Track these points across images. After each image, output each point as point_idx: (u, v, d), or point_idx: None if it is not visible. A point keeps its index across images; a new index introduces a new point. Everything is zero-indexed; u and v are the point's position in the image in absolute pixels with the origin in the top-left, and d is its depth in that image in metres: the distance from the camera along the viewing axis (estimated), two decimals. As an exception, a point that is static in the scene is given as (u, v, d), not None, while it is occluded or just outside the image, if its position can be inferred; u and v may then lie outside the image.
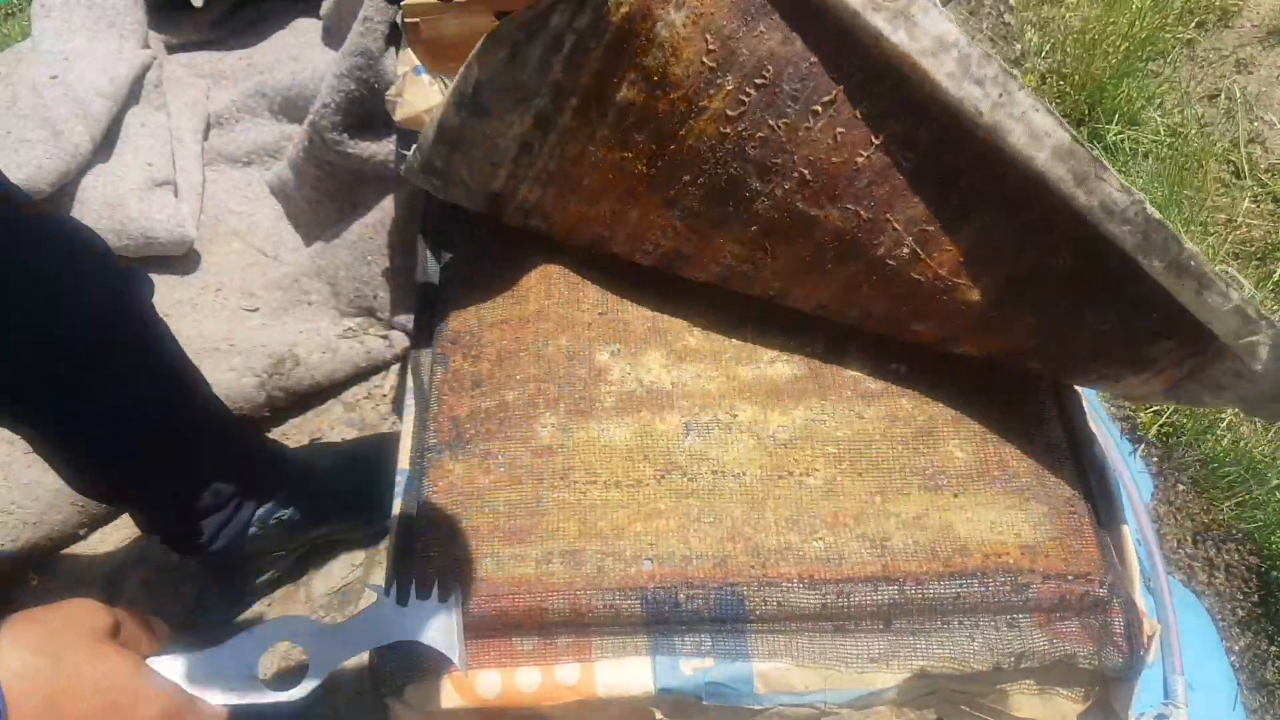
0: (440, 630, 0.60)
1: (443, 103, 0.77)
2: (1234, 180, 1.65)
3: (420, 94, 0.96)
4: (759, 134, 0.70)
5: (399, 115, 0.98)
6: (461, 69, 0.74)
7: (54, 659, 0.46)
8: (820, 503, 0.75)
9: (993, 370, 0.83)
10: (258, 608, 1.16)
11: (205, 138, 1.54)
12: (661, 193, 0.77)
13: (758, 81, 0.68)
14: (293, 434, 1.33)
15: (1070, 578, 0.71)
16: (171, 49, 1.62)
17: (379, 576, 1.16)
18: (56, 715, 0.46)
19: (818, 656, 0.70)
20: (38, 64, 1.43)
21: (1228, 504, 1.26)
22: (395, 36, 1.15)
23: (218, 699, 0.53)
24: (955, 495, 0.76)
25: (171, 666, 0.52)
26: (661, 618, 0.70)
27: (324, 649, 0.56)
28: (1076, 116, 1.70)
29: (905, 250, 0.72)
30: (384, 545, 1.18)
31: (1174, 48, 1.83)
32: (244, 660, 0.53)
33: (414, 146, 0.82)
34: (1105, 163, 0.62)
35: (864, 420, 0.80)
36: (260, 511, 1.09)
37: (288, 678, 0.55)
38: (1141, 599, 0.72)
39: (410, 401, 0.84)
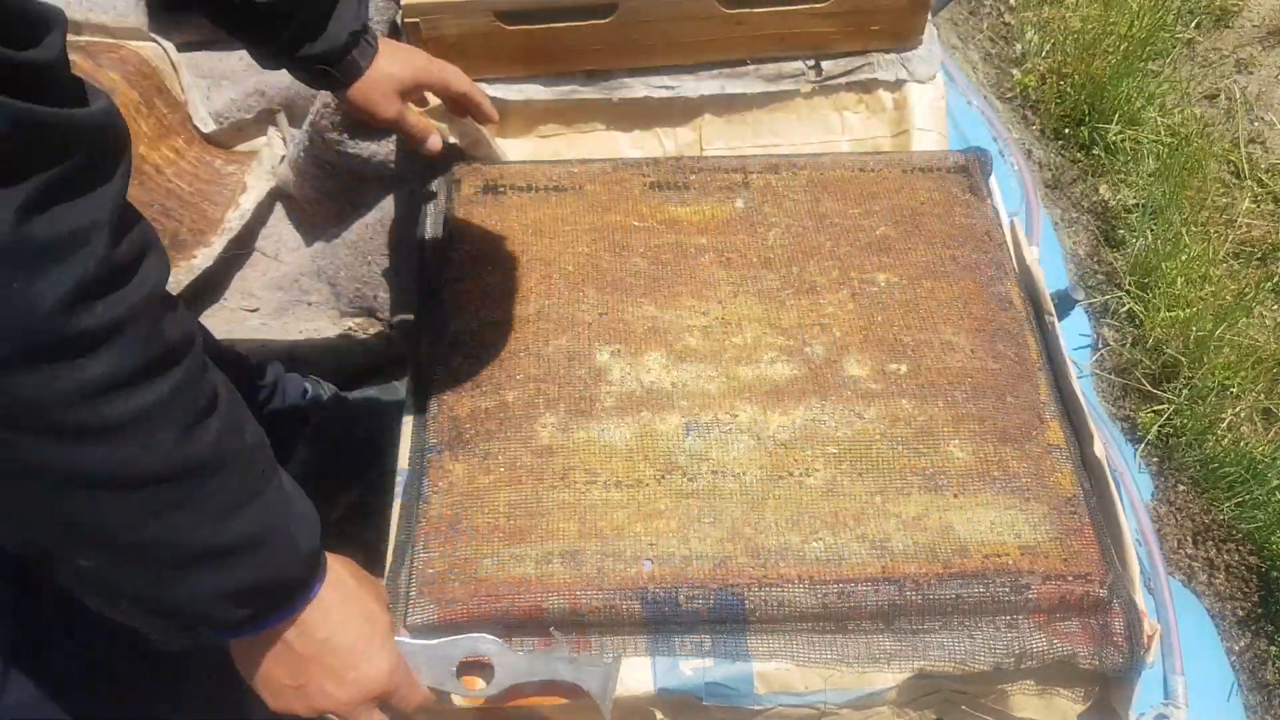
0: (598, 681, 0.68)
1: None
2: (1234, 180, 1.65)
3: (420, 94, 0.96)
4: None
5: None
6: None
7: (357, 586, 0.61)
8: (820, 503, 0.75)
9: (993, 372, 0.83)
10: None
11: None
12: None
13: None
14: (293, 434, 1.32)
15: (1070, 578, 0.71)
16: (171, 49, 1.62)
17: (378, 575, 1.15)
18: (338, 618, 0.59)
19: (818, 657, 0.70)
20: (38, 64, 1.43)
21: (1228, 504, 1.25)
22: (396, 36, 1.15)
23: (424, 681, 0.66)
24: (955, 496, 0.76)
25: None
26: (661, 618, 0.70)
27: (508, 668, 0.68)
28: (1077, 116, 1.70)
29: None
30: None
31: (1174, 47, 1.83)
32: (448, 658, 0.67)
33: None
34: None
35: (864, 421, 0.80)
36: (308, 428, 1.12)
37: (475, 677, 0.69)
38: (1142, 599, 0.72)
39: (410, 401, 0.84)
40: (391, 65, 0.87)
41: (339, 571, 0.61)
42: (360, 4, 0.84)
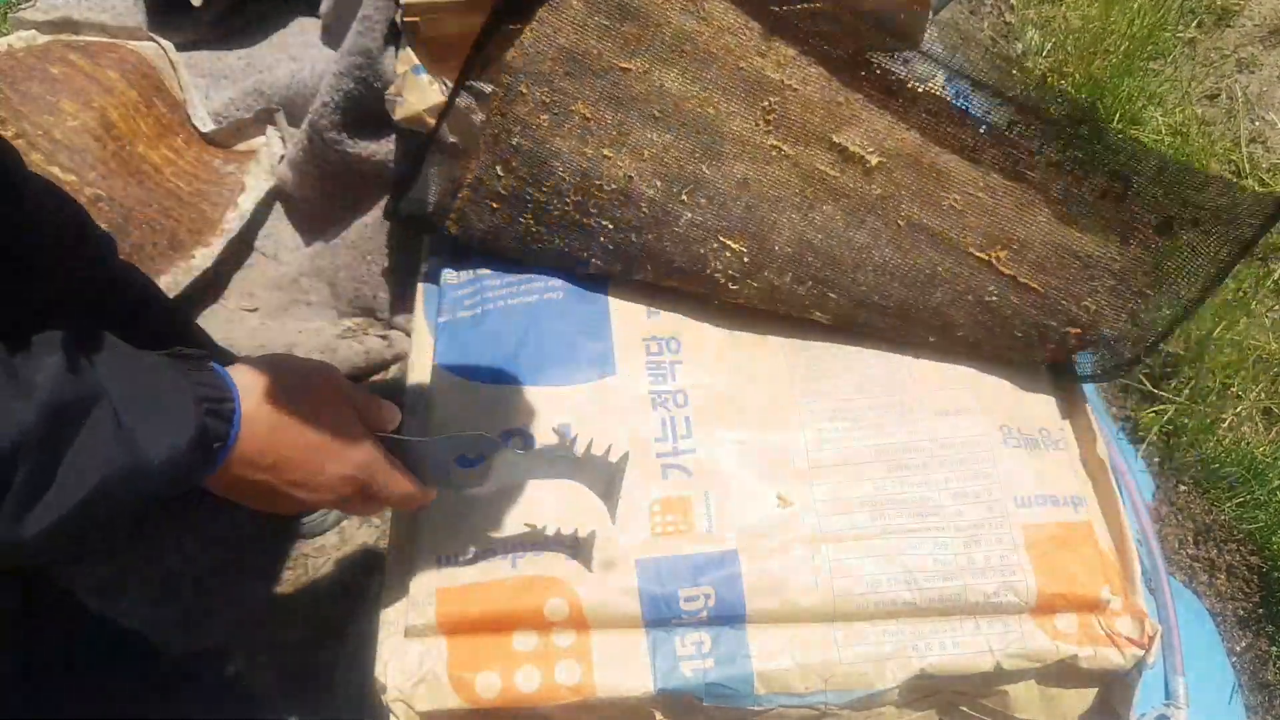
0: (603, 483, 0.68)
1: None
2: (1235, 180, 1.64)
3: (420, 94, 0.96)
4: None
5: (399, 114, 0.97)
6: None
7: (291, 402, 0.58)
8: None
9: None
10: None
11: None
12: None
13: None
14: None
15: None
16: (171, 49, 1.62)
17: (378, 575, 1.16)
18: (279, 440, 0.57)
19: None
20: (37, 64, 1.43)
21: (1229, 504, 1.25)
22: (395, 36, 1.15)
23: (424, 475, 0.66)
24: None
25: (386, 444, 0.64)
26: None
27: (508, 466, 0.67)
28: (1077, 116, 1.69)
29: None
30: (385, 546, 1.17)
31: (1175, 47, 1.82)
32: (443, 455, 0.66)
33: None
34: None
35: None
36: None
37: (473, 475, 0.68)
38: (1142, 599, 0.72)
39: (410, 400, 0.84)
40: None
41: (261, 400, 0.57)
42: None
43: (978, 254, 0.75)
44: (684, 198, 0.77)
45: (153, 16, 1.58)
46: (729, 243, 0.78)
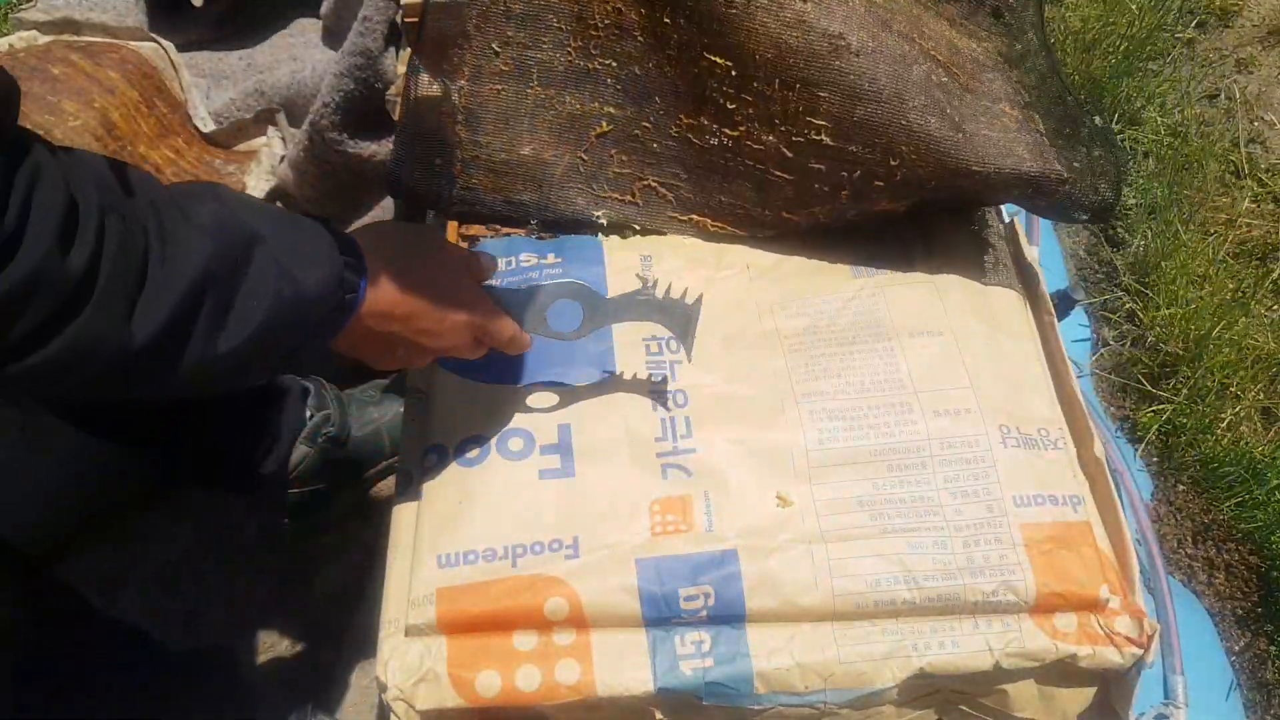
0: (680, 324, 0.75)
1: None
2: (1234, 180, 1.65)
3: (420, 94, 0.96)
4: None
5: (399, 115, 0.98)
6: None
7: (409, 257, 0.65)
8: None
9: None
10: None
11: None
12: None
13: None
14: (293, 434, 1.32)
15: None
16: (171, 49, 1.62)
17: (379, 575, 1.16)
18: (403, 294, 0.63)
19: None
20: (38, 64, 1.43)
21: (1228, 504, 1.26)
22: (395, 36, 1.15)
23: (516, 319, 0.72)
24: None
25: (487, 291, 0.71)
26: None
27: (596, 312, 0.74)
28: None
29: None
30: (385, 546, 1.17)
31: (1174, 47, 1.83)
32: (539, 302, 0.73)
33: None
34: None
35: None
36: (306, 427, 1.10)
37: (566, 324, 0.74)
38: (1142, 599, 0.72)
39: (410, 400, 0.84)
40: None
41: (386, 257, 0.63)
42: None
43: (921, 42, 0.82)
44: (666, 19, 0.82)
45: (154, 17, 1.58)
46: (714, 58, 0.82)
